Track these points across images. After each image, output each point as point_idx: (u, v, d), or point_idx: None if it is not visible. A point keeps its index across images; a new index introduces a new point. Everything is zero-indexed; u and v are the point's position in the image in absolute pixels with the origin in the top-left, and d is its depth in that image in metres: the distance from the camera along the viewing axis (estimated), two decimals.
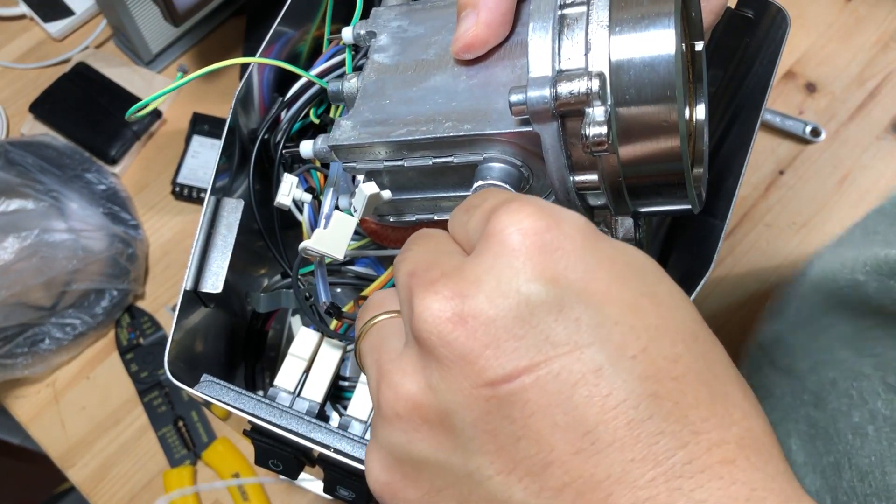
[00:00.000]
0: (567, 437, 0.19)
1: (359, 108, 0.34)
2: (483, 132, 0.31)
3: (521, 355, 0.20)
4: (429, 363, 0.21)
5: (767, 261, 0.72)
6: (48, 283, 0.62)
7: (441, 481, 0.21)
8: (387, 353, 0.24)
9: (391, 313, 0.26)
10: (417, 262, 0.23)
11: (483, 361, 0.20)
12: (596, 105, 0.28)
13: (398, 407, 0.22)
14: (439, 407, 0.21)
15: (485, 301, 0.21)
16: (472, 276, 0.21)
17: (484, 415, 0.20)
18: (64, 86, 0.73)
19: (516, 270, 0.21)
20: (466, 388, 0.20)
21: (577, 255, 0.21)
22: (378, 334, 0.25)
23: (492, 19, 0.31)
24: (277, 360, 0.52)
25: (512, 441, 0.20)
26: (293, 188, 0.41)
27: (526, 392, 0.20)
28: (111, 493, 0.63)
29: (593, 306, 0.20)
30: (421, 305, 0.21)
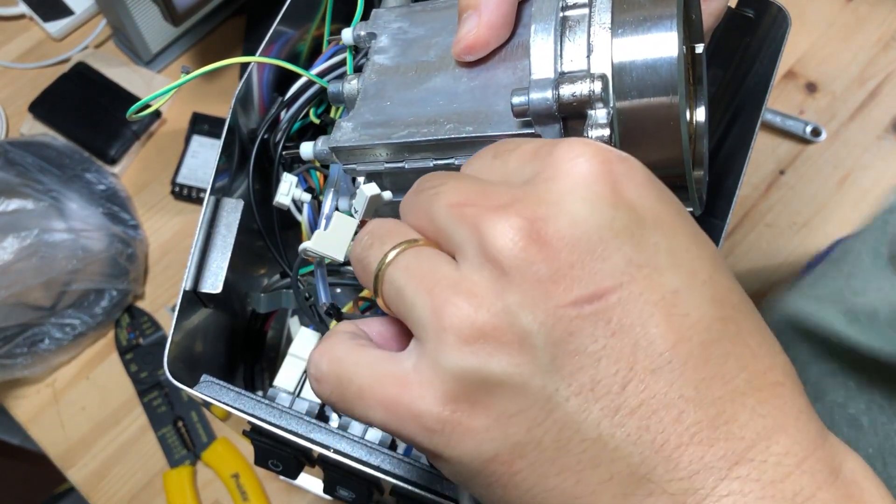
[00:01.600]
0: (646, 355, 0.20)
1: (359, 110, 0.34)
2: (485, 134, 0.30)
3: (605, 276, 0.20)
4: (507, 285, 0.21)
5: (768, 261, 0.72)
6: (48, 283, 0.62)
7: (514, 406, 0.21)
8: (439, 278, 0.22)
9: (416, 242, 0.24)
10: (465, 192, 0.23)
11: (568, 281, 0.20)
12: (598, 107, 0.28)
13: (472, 331, 0.21)
14: (521, 329, 0.20)
15: (567, 223, 0.21)
16: (549, 199, 0.21)
17: (567, 335, 0.20)
18: (63, 86, 0.73)
19: (596, 194, 0.21)
20: (550, 308, 0.20)
21: (647, 186, 0.22)
22: (415, 260, 0.23)
23: (493, 21, 0.31)
24: (277, 360, 0.52)
25: (593, 361, 0.20)
26: (292, 188, 0.41)
27: (610, 311, 0.20)
28: (111, 494, 0.63)
29: (667, 234, 0.21)
30: (498, 229, 0.21)
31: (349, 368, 0.24)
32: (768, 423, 0.21)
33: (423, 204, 0.24)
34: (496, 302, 0.21)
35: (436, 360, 0.21)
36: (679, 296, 0.21)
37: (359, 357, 0.24)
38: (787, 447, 0.21)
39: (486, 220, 0.21)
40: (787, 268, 0.71)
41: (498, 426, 0.21)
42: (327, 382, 0.24)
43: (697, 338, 0.21)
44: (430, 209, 0.23)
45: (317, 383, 0.25)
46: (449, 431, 0.21)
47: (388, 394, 0.22)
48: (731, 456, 0.20)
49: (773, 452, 0.20)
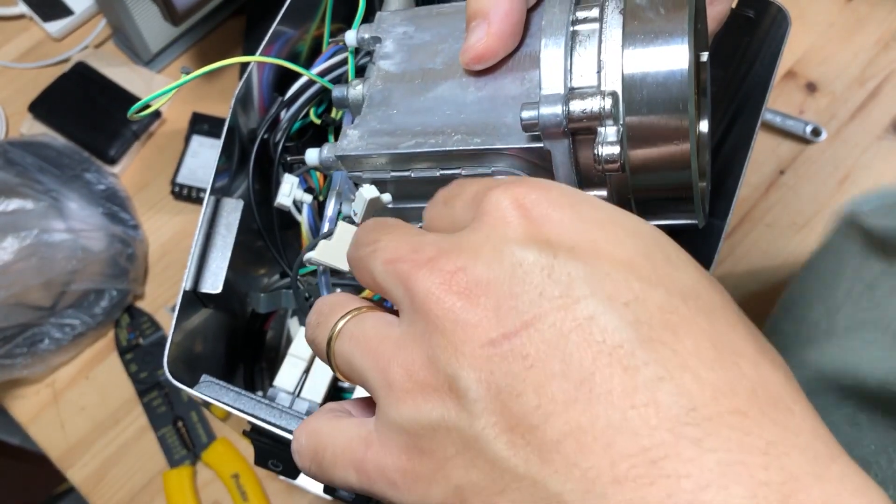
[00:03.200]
0: (565, 385, 0.19)
1: (366, 118, 0.34)
2: (493, 146, 0.30)
3: (519, 313, 0.20)
4: (433, 335, 0.22)
5: (768, 261, 0.72)
6: (47, 283, 0.62)
7: (451, 448, 0.21)
8: (381, 340, 0.24)
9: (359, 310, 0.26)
10: (396, 248, 0.24)
11: (485, 323, 0.21)
12: (608, 124, 0.28)
13: (411, 384, 0.22)
14: (447, 375, 0.21)
15: (483, 268, 0.22)
16: (469, 248, 0.22)
17: (487, 374, 0.20)
18: (63, 85, 0.73)
19: (509, 238, 0.22)
20: (470, 351, 0.21)
21: (568, 219, 0.22)
22: (358, 328, 0.25)
23: (503, 30, 0.31)
24: (277, 360, 0.52)
25: (513, 396, 0.20)
26: (294, 189, 0.41)
27: (524, 346, 0.20)
28: (111, 494, 0.63)
29: (583, 261, 0.21)
30: (420, 284, 0.22)
31: (324, 439, 0.25)
32: (722, 457, 0.18)
33: (364, 262, 0.25)
34: (428, 353, 0.22)
35: (388, 416, 0.23)
36: (594, 321, 0.20)
37: (333, 427, 0.25)
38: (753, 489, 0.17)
39: (412, 275, 0.22)
40: (787, 268, 0.71)
41: (440, 470, 0.21)
42: (305, 454, 0.26)
43: (619, 364, 0.19)
44: (370, 267, 0.25)
45: (297, 456, 0.27)
46: (408, 482, 0.22)
47: (356, 455, 0.24)
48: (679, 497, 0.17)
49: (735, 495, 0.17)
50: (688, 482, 0.17)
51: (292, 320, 0.52)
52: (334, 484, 0.25)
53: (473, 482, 0.21)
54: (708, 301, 0.21)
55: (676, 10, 0.28)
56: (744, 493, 0.17)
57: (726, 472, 0.17)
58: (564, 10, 0.30)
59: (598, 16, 0.29)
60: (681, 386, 0.19)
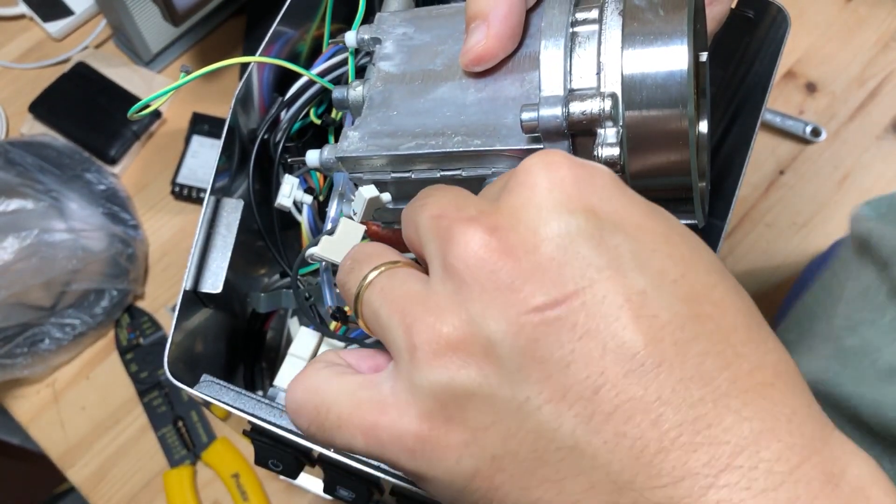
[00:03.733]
0: (617, 358, 0.20)
1: (366, 119, 0.34)
2: (493, 148, 0.30)
3: (566, 281, 0.20)
4: (469, 297, 0.21)
5: (768, 261, 0.72)
6: (48, 283, 0.62)
7: (487, 417, 0.20)
8: (410, 297, 0.22)
9: (394, 263, 0.25)
10: (443, 205, 0.23)
11: (529, 288, 0.20)
12: (608, 126, 0.28)
13: (439, 346, 0.21)
14: (485, 339, 0.20)
15: (526, 231, 0.21)
16: (510, 210, 0.22)
17: (532, 342, 0.20)
18: (63, 86, 0.73)
19: (555, 202, 0.21)
20: (513, 316, 0.20)
21: (609, 191, 0.22)
22: (389, 281, 0.24)
23: (502, 32, 0.31)
24: (277, 360, 0.52)
25: (561, 367, 0.20)
26: (294, 189, 0.41)
27: (573, 315, 0.20)
28: (111, 494, 0.63)
29: (631, 235, 0.21)
30: (461, 240, 0.21)
31: (327, 397, 0.24)
32: (755, 426, 0.19)
33: (413, 215, 0.25)
34: (460, 313, 0.21)
35: (410, 379, 0.21)
36: (646, 296, 0.20)
37: (336, 385, 0.24)
38: (779, 452, 0.19)
39: (455, 230, 0.22)
40: (787, 268, 0.71)
41: (475, 440, 0.21)
42: (304, 413, 0.24)
43: (670, 338, 0.20)
44: (416, 220, 0.24)
45: (294, 415, 0.25)
46: (430, 450, 0.21)
47: (368, 419, 0.22)
48: (717, 462, 0.19)
49: (764, 458, 0.19)
50: (727, 448, 0.19)
51: (292, 320, 0.52)
52: (334, 446, 0.24)
53: (513, 452, 0.20)
54: (731, 277, 0.22)
55: (676, 11, 0.28)
56: (771, 455, 0.19)
57: (759, 438, 0.19)
58: (564, 11, 0.30)
59: (597, 17, 0.29)
60: (724, 360, 0.20)
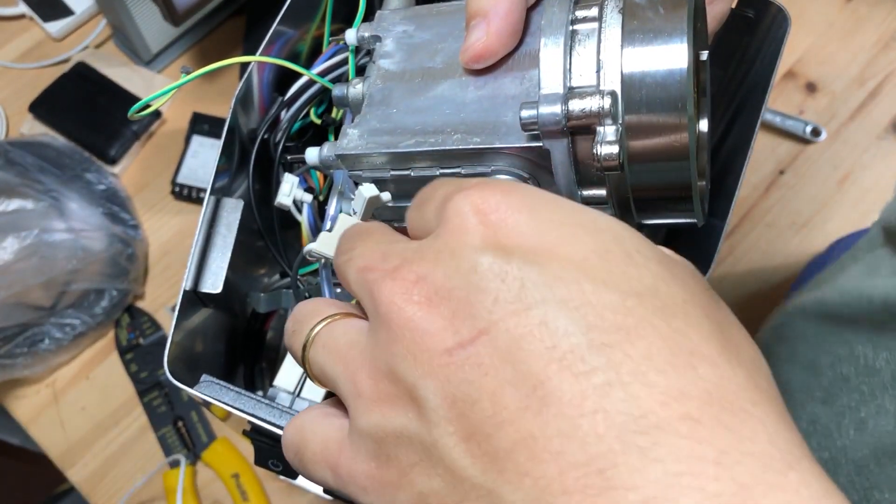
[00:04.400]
0: (517, 393, 0.19)
1: (365, 117, 0.34)
2: (492, 146, 0.30)
3: (476, 321, 0.20)
4: (394, 346, 0.22)
5: (768, 261, 0.72)
6: (48, 283, 0.62)
7: (413, 456, 0.21)
8: (351, 347, 0.24)
9: (333, 317, 0.26)
10: (368, 257, 0.24)
11: (443, 333, 0.21)
12: (607, 124, 0.28)
13: (376, 392, 0.22)
14: (409, 384, 0.21)
15: (442, 277, 0.21)
16: (430, 256, 0.22)
17: (444, 383, 0.20)
18: (64, 86, 0.73)
19: (467, 244, 0.21)
20: (428, 360, 0.21)
21: (525, 222, 0.22)
22: (330, 337, 0.25)
23: (502, 30, 0.31)
24: (277, 360, 0.52)
25: (469, 405, 0.20)
26: (294, 188, 0.41)
27: (480, 354, 0.20)
28: (111, 494, 0.63)
29: (537, 265, 0.21)
30: (386, 294, 0.22)
31: (307, 436, 0.26)
32: (670, 468, 0.17)
33: (342, 270, 0.26)
34: (391, 363, 0.22)
35: (357, 423, 0.23)
36: (545, 327, 0.19)
37: (316, 425, 0.26)
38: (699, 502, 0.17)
39: (377, 284, 0.23)
40: (787, 268, 0.71)
41: (404, 477, 0.22)
42: (289, 448, 0.27)
43: (569, 370, 0.19)
44: (346, 276, 0.25)
45: (284, 449, 0.27)
46: (377, 487, 0.22)
47: (331, 458, 0.24)
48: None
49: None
50: (634, 495, 0.17)
51: None
52: (314, 481, 0.25)
53: (435, 490, 0.21)
54: (668, 298, 0.20)
55: (676, 10, 0.28)
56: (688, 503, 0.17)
57: (674, 483, 0.17)
58: (564, 9, 0.30)
59: (597, 15, 0.29)
60: (630, 392, 0.18)
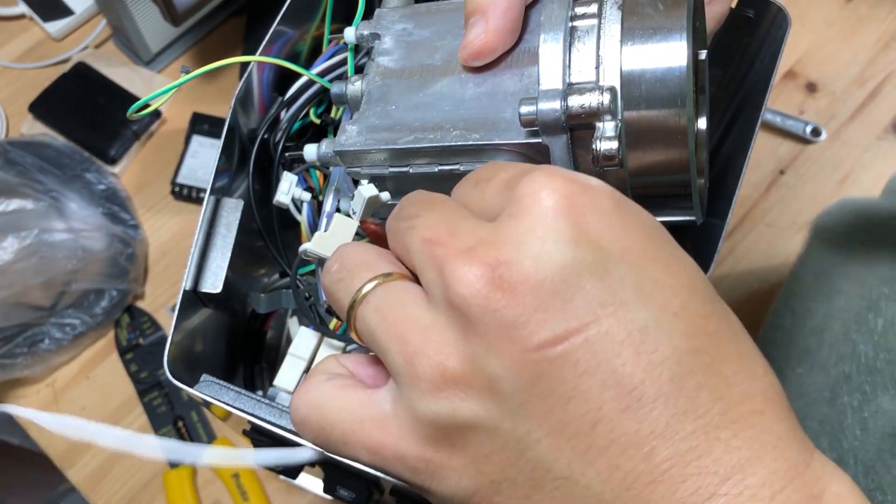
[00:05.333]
0: (615, 394, 0.20)
1: (364, 114, 0.34)
2: (491, 142, 0.30)
3: (570, 317, 0.20)
4: (472, 333, 0.21)
5: (768, 261, 0.72)
6: (48, 283, 0.62)
7: (488, 447, 0.21)
8: (410, 324, 0.22)
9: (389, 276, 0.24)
10: (436, 228, 0.23)
11: (533, 325, 0.20)
12: (607, 119, 0.28)
13: (443, 379, 0.21)
14: (488, 375, 0.21)
15: (530, 265, 0.21)
16: (511, 240, 0.21)
17: (535, 379, 0.20)
18: (63, 86, 0.73)
19: (558, 232, 0.21)
20: (516, 353, 0.20)
21: (612, 216, 0.22)
22: (385, 299, 0.23)
23: (501, 27, 0.31)
24: (277, 360, 0.52)
25: (562, 402, 0.20)
26: (293, 187, 0.41)
27: (576, 352, 0.20)
28: (111, 494, 0.63)
29: (634, 266, 0.21)
30: (461, 276, 0.21)
31: (331, 414, 0.24)
32: (743, 454, 0.20)
33: (401, 235, 0.24)
34: (464, 350, 0.21)
35: (412, 406, 0.22)
36: (647, 332, 0.20)
37: (341, 402, 0.25)
38: (764, 478, 0.20)
39: (450, 265, 0.21)
40: (787, 268, 0.71)
41: (474, 465, 0.22)
42: (310, 428, 0.25)
43: (667, 373, 0.20)
44: (406, 242, 0.24)
45: (299, 428, 0.26)
46: (432, 470, 0.22)
47: (371, 438, 0.23)
48: (704, 491, 0.20)
49: (749, 485, 0.20)
50: (714, 477, 0.20)
51: (292, 320, 0.52)
52: (341, 457, 0.25)
53: (510, 478, 0.21)
54: (722, 303, 0.23)
55: (675, 7, 0.28)
56: (756, 482, 0.20)
57: (745, 466, 0.20)
58: (563, 5, 0.30)
59: (596, 11, 0.29)
60: (716, 392, 0.21)
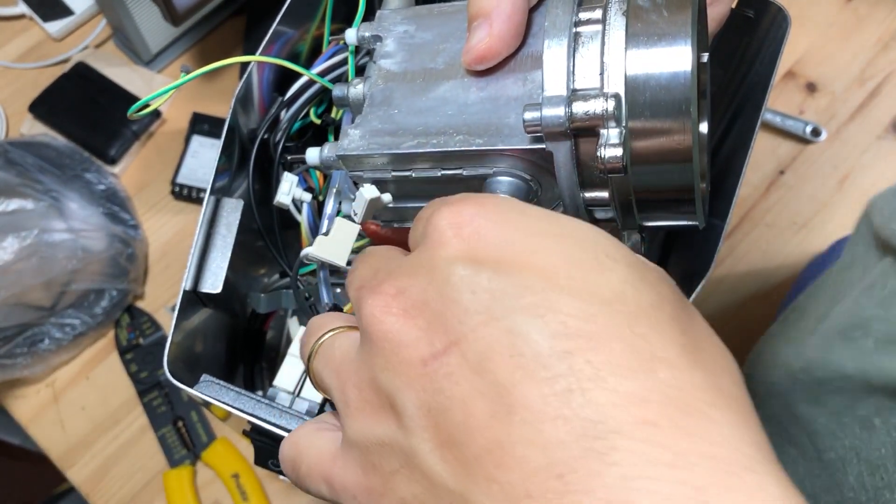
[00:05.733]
0: (485, 401, 0.20)
1: (367, 117, 0.34)
2: (495, 147, 0.30)
3: (447, 331, 0.21)
4: (375, 357, 0.23)
5: (768, 261, 0.72)
6: (48, 283, 0.62)
7: (394, 463, 0.22)
8: (343, 360, 0.25)
9: (336, 330, 0.27)
10: (363, 275, 0.25)
11: (418, 343, 0.22)
12: (611, 126, 0.28)
13: (361, 403, 0.23)
14: (388, 394, 0.22)
15: (418, 289, 0.22)
16: (410, 270, 0.23)
17: (420, 392, 0.21)
18: (63, 85, 0.73)
19: (442, 257, 0.22)
20: (404, 370, 0.22)
21: (496, 232, 0.22)
22: (329, 349, 0.26)
23: (505, 31, 0.30)
24: (277, 360, 0.52)
25: (442, 412, 0.21)
26: (293, 187, 0.41)
27: (451, 364, 0.21)
28: (111, 494, 0.63)
29: (505, 276, 0.21)
30: (368, 307, 0.23)
31: (302, 451, 0.27)
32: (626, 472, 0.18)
33: (347, 287, 0.27)
34: (371, 373, 0.23)
35: (346, 433, 0.24)
36: (512, 336, 0.20)
37: (310, 440, 0.27)
38: None
39: (363, 300, 0.24)
40: (787, 268, 0.71)
41: (388, 484, 0.22)
42: (286, 463, 0.28)
43: (533, 377, 0.19)
44: (349, 292, 0.26)
45: (282, 464, 0.28)
46: (365, 496, 0.23)
47: (325, 470, 0.25)
48: None
49: None
50: (590, 498, 0.18)
51: (292, 320, 0.52)
52: (310, 493, 0.26)
53: (415, 495, 0.21)
54: (634, 303, 0.21)
55: (680, 12, 0.28)
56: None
57: (629, 486, 0.18)
58: (567, 10, 0.30)
59: (600, 17, 0.29)
60: (589, 397, 0.19)
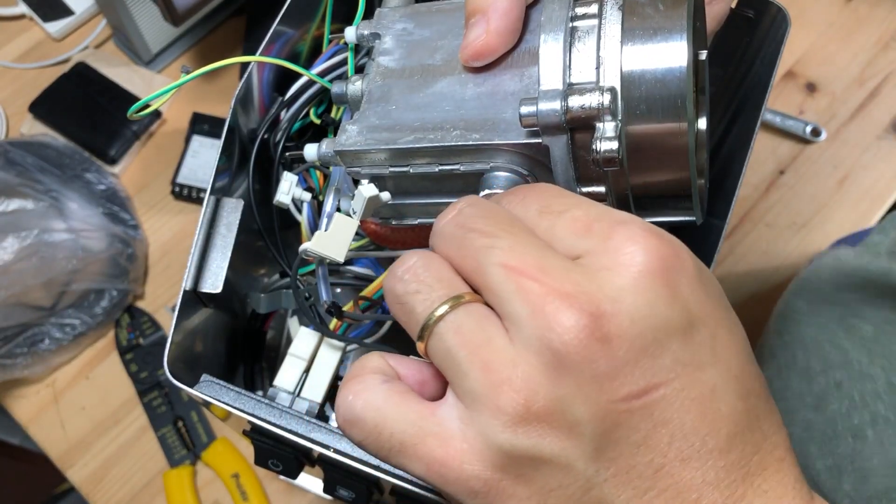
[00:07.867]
0: (680, 446, 0.22)
1: (365, 113, 0.34)
2: (491, 142, 0.30)
3: (654, 373, 0.22)
4: (564, 376, 0.22)
5: (768, 261, 0.72)
6: (48, 283, 0.62)
7: (555, 482, 0.22)
8: (496, 352, 0.22)
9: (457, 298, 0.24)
10: (521, 258, 0.23)
11: (622, 378, 0.22)
12: (607, 120, 0.28)
13: (527, 414, 0.22)
14: (572, 418, 0.22)
15: (627, 321, 0.22)
16: (611, 294, 0.22)
17: (613, 426, 0.22)
18: (63, 86, 0.73)
19: (654, 293, 0.22)
20: (603, 402, 0.22)
21: (697, 282, 0.23)
22: (466, 322, 0.23)
23: (502, 27, 0.31)
24: (277, 360, 0.52)
25: (632, 449, 0.22)
26: (293, 187, 0.41)
27: (654, 406, 0.22)
28: (111, 494, 0.63)
29: (710, 330, 0.23)
30: (561, 319, 0.22)
31: (389, 422, 0.24)
32: (770, 497, 0.23)
33: (472, 251, 0.24)
34: (552, 390, 0.22)
35: (487, 433, 0.22)
36: (715, 392, 0.23)
37: (399, 409, 0.24)
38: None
39: (551, 306, 0.22)
40: (787, 268, 0.71)
41: (538, 497, 0.23)
42: (362, 429, 0.24)
43: (725, 430, 0.23)
44: (481, 261, 0.23)
45: (347, 425, 0.25)
46: (493, 495, 0.23)
47: (434, 454, 0.23)
48: None
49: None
50: None
51: (292, 320, 0.52)
52: (388, 463, 0.24)
53: None
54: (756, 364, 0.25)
55: (676, 7, 0.28)
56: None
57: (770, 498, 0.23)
58: (563, 6, 0.30)
59: (597, 12, 0.29)
60: (756, 445, 0.23)
